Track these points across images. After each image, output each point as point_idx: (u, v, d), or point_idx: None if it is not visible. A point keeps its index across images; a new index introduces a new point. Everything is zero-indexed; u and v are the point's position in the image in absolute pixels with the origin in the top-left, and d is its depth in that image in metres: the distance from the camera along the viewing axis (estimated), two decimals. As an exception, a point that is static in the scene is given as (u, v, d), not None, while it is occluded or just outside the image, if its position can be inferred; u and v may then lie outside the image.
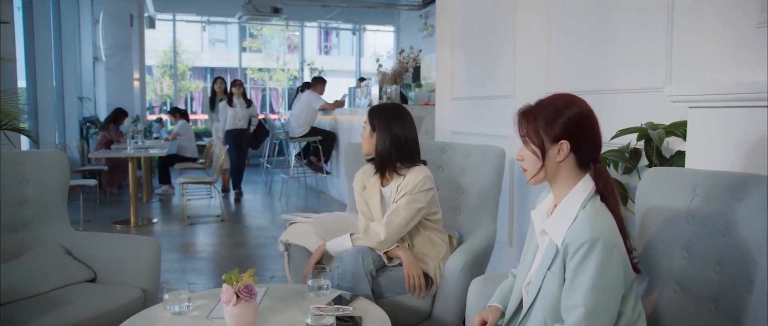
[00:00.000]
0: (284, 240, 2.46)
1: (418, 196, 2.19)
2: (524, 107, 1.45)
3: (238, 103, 7.13)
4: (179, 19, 13.27)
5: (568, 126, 1.39)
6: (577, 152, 1.40)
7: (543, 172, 1.42)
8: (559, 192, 1.44)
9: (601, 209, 1.38)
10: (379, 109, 2.34)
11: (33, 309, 2.00)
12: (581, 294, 1.30)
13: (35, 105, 6.74)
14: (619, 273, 1.32)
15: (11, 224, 2.40)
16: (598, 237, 1.30)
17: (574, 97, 1.44)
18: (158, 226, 5.64)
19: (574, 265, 1.31)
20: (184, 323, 1.74)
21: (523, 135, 1.43)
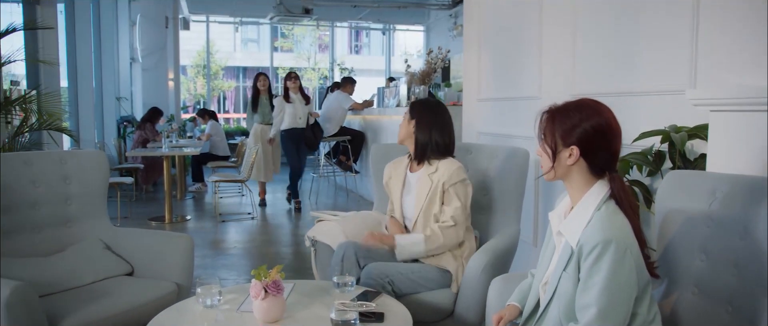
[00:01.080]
0: (311, 236, 2.54)
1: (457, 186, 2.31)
2: (549, 107, 1.49)
3: (297, 98, 6.28)
4: (213, 20, 13.55)
5: (583, 135, 1.42)
6: (589, 160, 1.44)
7: (553, 172, 1.47)
8: (575, 195, 1.48)
9: (615, 212, 1.41)
10: (423, 101, 2.56)
11: (76, 300, 2.12)
12: (594, 294, 1.34)
13: (76, 105, 6.99)
14: (631, 275, 1.35)
15: (55, 220, 2.54)
16: (611, 238, 1.34)
17: (599, 106, 1.46)
18: (191, 223, 5.80)
19: (588, 266, 1.35)
20: (215, 316, 1.83)
21: (541, 133, 1.48)
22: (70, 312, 2.00)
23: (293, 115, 6.25)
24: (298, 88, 6.31)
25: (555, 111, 1.47)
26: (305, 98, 6.35)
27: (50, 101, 4.41)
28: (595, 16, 2.75)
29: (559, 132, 1.44)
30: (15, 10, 5.67)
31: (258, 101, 6.51)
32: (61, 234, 2.52)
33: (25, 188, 2.44)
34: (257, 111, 6.50)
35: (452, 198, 2.30)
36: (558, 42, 3.01)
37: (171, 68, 10.49)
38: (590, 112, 1.44)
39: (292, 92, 6.27)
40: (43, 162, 2.55)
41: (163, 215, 5.78)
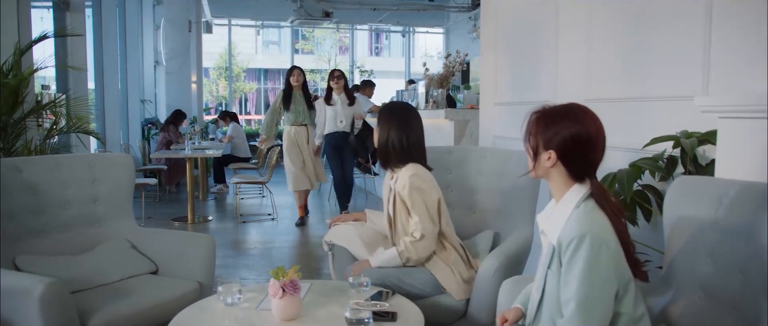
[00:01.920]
0: (328, 240, 2.61)
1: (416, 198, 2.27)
2: (536, 109, 1.55)
3: (339, 99, 5.68)
4: (234, 23, 13.75)
5: (561, 141, 1.48)
6: (567, 165, 1.50)
7: (534, 173, 1.56)
8: (556, 195, 1.55)
9: (593, 209, 1.47)
10: (387, 107, 2.48)
11: (103, 297, 2.22)
12: (573, 288, 1.39)
13: (103, 108, 7.18)
14: (609, 268, 1.39)
15: (84, 220, 2.64)
16: (586, 232, 1.39)
17: (585, 115, 1.50)
18: (213, 223, 5.92)
19: (566, 261, 1.41)
20: (235, 313, 1.90)
21: (527, 133, 1.54)
22: (98, 308, 2.10)
23: (333, 117, 5.66)
24: (343, 88, 5.72)
25: (542, 114, 1.53)
26: (350, 98, 5.74)
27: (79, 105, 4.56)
28: (610, 22, 2.78)
29: (541, 135, 1.51)
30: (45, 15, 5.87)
31: (291, 98, 5.65)
32: (89, 234, 2.63)
33: (56, 189, 2.55)
34: (290, 109, 5.64)
35: (412, 208, 2.27)
36: (573, 47, 3.04)
37: (194, 71, 10.69)
38: (573, 121, 1.48)
39: (336, 93, 5.70)
40: (73, 164, 2.66)
41: (186, 215, 5.91)
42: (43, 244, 2.45)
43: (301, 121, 5.66)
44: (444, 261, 2.32)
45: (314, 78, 17.64)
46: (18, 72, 3.66)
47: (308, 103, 5.69)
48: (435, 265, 2.31)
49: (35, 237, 2.43)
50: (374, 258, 2.33)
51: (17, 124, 3.70)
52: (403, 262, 2.29)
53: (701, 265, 1.66)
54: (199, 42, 10.97)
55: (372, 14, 12.01)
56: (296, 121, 5.65)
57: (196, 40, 10.73)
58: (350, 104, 5.72)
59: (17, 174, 2.41)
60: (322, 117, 5.67)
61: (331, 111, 5.64)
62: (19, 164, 2.47)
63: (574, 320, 1.39)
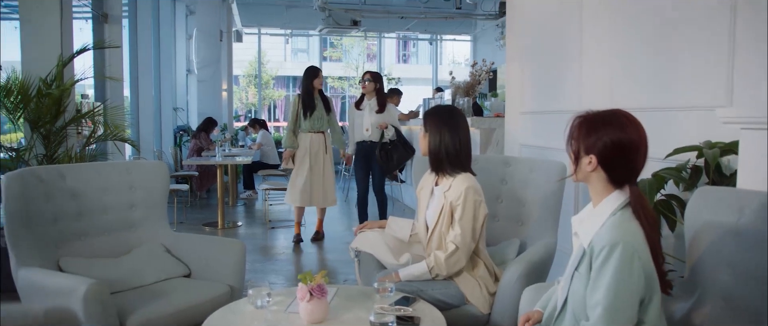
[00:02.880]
0: (355, 247, 2.68)
1: (467, 211, 2.28)
2: (581, 113, 1.59)
3: (368, 105, 5.13)
4: (264, 32, 13.99)
5: (603, 147, 1.51)
6: (607, 170, 1.53)
7: (575, 177, 1.59)
8: (595, 198, 1.58)
9: (629, 219, 1.49)
10: (433, 111, 2.47)
11: (140, 298, 2.32)
12: (601, 294, 1.42)
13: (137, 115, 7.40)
14: (639, 278, 1.42)
15: (122, 224, 2.76)
16: (619, 241, 1.42)
17: (627, 121, 1.53)
18: (242, 229, 6.05)
19: (597, 266, 1.45)
20: (265, 315, 1.98)
21: (570, 137, 1.58)
22: (136, 308, 2.21)
23: (360, 125, 5.17)
24: (375, 92, 5.12)
25: (585, 119, 1.56)
26: (380, 105, 5.11)
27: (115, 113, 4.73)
28: (634, 33, 2.80)
29: (583, 140, 1.54)
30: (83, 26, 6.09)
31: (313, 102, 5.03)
32: (126, 238, 2.74)
33: (96, 195, 2.68)
34: (312, 115, 5.01)
35: (459, 219, 2.28)
36: (598, 57, 3.07)
37: (224, 79, 10.92)
38: (616, 127, 1.51)
39: (366, 97, 5.17)
40: (112, 171, 2.79)
41: (216, 221, 6.05)
42: (84, 247, 2.57)
43: (319, 128, 5.06)
44: (472, 275, 2.35)
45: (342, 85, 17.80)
46: (60, 83, 3.84)
47: (326, 106, 5.11)
48: (463, 279, 2.33)
49: (77, 241, 2.56)
50: (403, 272, 2.34)
51: (59, 132, 3.87)
52: (433, 277, 2.31)
53: (721, 274, 1.68)
54: (230, 51, 11.20)
55: (399, 22, 12.10)
56: (313, 127, 5.03)
57: (226, 49, 10.97)
58: (379, 111, 5.10)
59: (61, 181, 2.54)
60: (351, 125, 5.27)
61: (359, 117, 5.17)
62: (63, 171, 2.60)
63: (599, 324, 1.42)
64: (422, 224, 2.48)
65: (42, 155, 3.83)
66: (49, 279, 2.13)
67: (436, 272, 2.29)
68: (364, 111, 5.14)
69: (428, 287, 2.29)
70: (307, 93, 5.04)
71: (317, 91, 5.09)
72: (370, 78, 5.13)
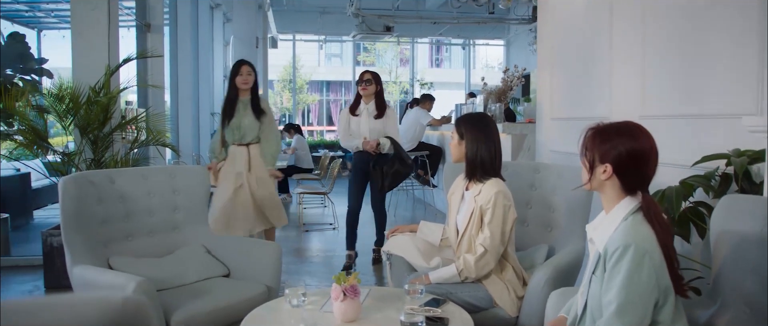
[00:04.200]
0: (387, 250, 2.76)
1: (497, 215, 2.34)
2: (593, 125, 1.66)
3: (365, 109, 4.48)
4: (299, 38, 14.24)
5: (617, 156, 1.59)
6: (621, 178, 1.59)
7: (589, 185, 1.66)
8: (607, 206, 1.65)
9: (641, 222, 1.56)
10: (467, 118, 2.55)
11: (183, 296, 2.46)
12: (614, 292, 1.49)
13: (177, 121, 7.65)
14: (650, 278, 1.48)
15: (166, 226, 2.91)
16: (631, 243, 1.49)
17: (638, 131, 1.61)
18: (277, 231, 6.18)
19: (610, 267, 1.52)
20: (300, 314, 2.08)
21: (583, 148, 1.65)
22: (179, 305, 2.34)
23: (357, 132, 4.48)
24: (374, 95, 4.45)
25: (598, 130, 1.64)
26: (379, 109, 4.45)
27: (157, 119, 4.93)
28: (664, 40, 2.82)
29: (597, 150, 1.62)
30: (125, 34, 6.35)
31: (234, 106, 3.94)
32: (170, 239, 2.89)
33: (142, 198, 2.83)
34: (230, 123, 3.93)
35: (489, 223, 2.34)
36: (628, 64, 3.09)
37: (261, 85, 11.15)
38: (629, 137, 1.59)
39: (364, 101, 4.49)
40: (158, 176, 2.94)
41: (253, 223, 6.21)
42: (131, 247, 2.72)
43: (240, 140, 3.91)
44: (500, 279, 2.41)
45: (375, 90, 17.91)
46: (108, 91, 4.04)
47: (257, 111, 3.92)
48: (491, 282, 2.39)
49: (124, 241, 2.71)
50: (433, 274, 2.41)
51: (106, 137, 4.06)
52: (462, 280, 2.38)
53: (746, 281, 1.71)
54: (265, 57, 11.45)
55: (432, 28, 12.18)
56: (234, 138, 3.91)
57: (262, 55, 11.21)
58: (378, 116, 4.42)
59: (111, 185, 2.70)
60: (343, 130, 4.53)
61: (354, 124, 4.49)
62: (113, 175, 2.76)
63: (611, 320, 1.49)
64: (453, 228, 2.55)
65: (90, 159, 4.04)
66: (101, 276, 2.28)
67: (466, 274, 2.36)
68: (360, 116, 4.46)
69: (457, 289, 2.35)
70: (228, 96, 3.96)
71: (246, 93, 3.93)
72: (371, 78, 4.41)
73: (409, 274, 2.57)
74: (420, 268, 2.60)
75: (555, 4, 3.99)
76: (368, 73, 4.49)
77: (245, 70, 3.91)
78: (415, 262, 2.63)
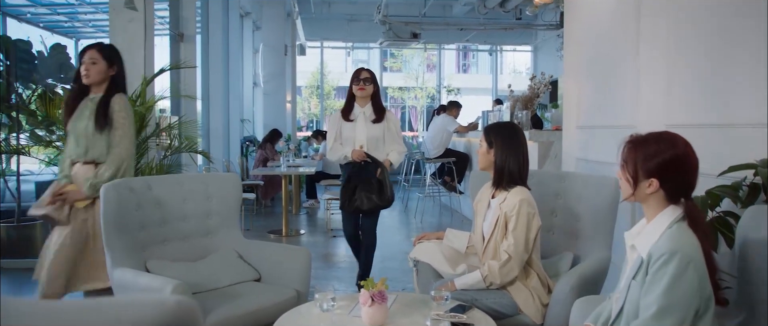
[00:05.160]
0: (413, 257, 2.82)
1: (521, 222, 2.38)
2: (632, 137, 1.68)
3: (361, 114, 3.81)
4: (326, 46, 14.40)
5: (662, 166, 1.60)
6: (666, 188, 1.61)
7: (633, 198, 1.67)
8: (650, 214, 1.67)
9: (685, 230, 1.58)
10: (496, 127, 2.60)
11: (216, 299, 2.54)
12: (655, 296, 1.51)
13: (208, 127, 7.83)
14: (693, 286, 1.50)
15: (200, 231, 3.01)
16: (677, 250, 1.51)
17: (677, 138, 1.64)
18: (305, 237, 6.30)
19: (653, 271, 1.54)
20: (330, 318, 2.15)
21: (623, 161, 1.67)
22: (213, 308, 2.43)
23: (350, 140, 3.81)
24: (371, 97, 3.83)
25: (637, 141, 1.66)
26: (378, 113, 3.83)
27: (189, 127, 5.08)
28: (691, 48, 2.81)
29: (640, 162, 1.63)
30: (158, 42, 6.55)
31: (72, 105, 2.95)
32: (204, 244, 2.99)
33: (177, 204, 2.93)
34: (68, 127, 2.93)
35: (513, 230, 2.38)
36: (654, 72, 3.09)
37: (288, 91, 11.34)
38: (669, 144, 1.62)
39: (358, 103, 3.84)
40: (192, 182, 3.05)
41: (281, 228, 6.33)
42: (167, 251, 2.82)
43: (81, 155, 2.84)
44: (525, 286, 2.44)
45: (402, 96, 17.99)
46: (144, 100, 4.18)
47: (105, 112, 2.79)
48: (516, 289, 2.43)
49: (161, 245, 2.81)
50: (459, 281, 2.46)
51: (142, 145, 4.21)
52: (487, 286, 2.42)
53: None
54: (294, 64, 11.63)
55: (459, 34, 12.20)
56: (75, 153, 2.85)
57: (291, 63, 11.39)
58: (377, 121, 3.81)
59: (148, 191, 2.81)
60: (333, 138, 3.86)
61: (349, 130, 3.82)
62: (150, 182, 2.87)
63: (650, 322, 1.51)
64: (479, 235, 2.60)
65: (127, 165, 4.18)
66: (140, 279, 2.38)
67: (490, 280, 2.39)
68: (355, 121, 3.83)
69: (482, 296, 2.39)
70: (72, 89, 2.98)
71: (99, 87, 2.89)
72: (370, 77, 3.81)
73: (435, 281, 2.61)
74: (446, 275, 2.65)
75: (581, 12, 4.00)
76: (366, 70, 3.86)
77: (89, 53, 2.85)
78: (441, 269, 2.69)
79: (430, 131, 7.84)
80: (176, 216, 2.91)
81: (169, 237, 2.87)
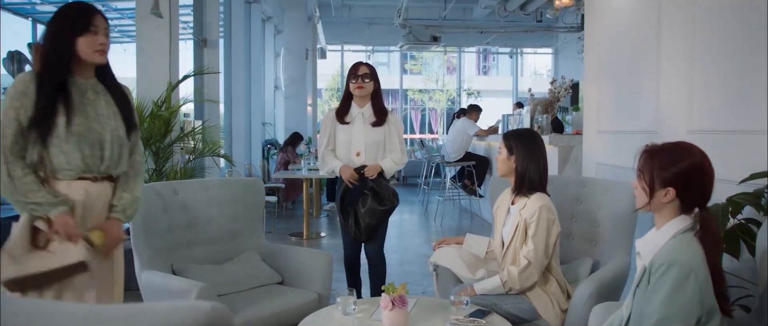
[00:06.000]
0: (433, 261, 2.85)
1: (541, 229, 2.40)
2: (648, 146, 1.70)
3: (359, 115, 3.28)
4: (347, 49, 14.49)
5: (678, 175, 1.61)
6: (683, 198, 1.62)
7: (648, 206, 1.68)
8: (659, 222, 1.68)
9: (690, 241, 1.59)
10: (516, 133, 2.62)
11: (241, 302, 2.61)
12: (655, 306, 1.53)
13: (230, 131, 7.95)
14: (693, 296, 1.51)
15: (225, 235, 3.06)
16: (677, 260, 1.53)
17: (693, 148, 1.66)
18: (325, 239, 6.36)
19: (654, 280, 1.56)
20: (352, 322, 2.19)
21: (639, 171, 1.69)
22: (238, 311, 2.49)
23: (346, 145, 3.30)
24: (371, 95, 3.28)
25: (653, 150, 1.67)
26: (379, 115, 3.27)
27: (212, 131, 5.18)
28: (713, 53, 2.80)
29: (656, 171, 1.64)
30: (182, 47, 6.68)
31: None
32: (228, 247, 3.05)
33: (203, 208, 3.00)
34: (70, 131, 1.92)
35: (533, 236, 2.39)
36: (675, 77, 3.08)
37: (309, 94, 11.43)
38: (685, 154, 1.63)
39: (356, 103, 3.31)
40: (217, 186, 3.12)
41: (302, 231, 6.40)
42: (193, 254, 2.89)
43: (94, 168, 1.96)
44: (544, 291, 2.46)
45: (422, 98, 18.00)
46: (169, 105, 4.28)
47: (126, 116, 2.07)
48: (535, 294, 2.45)
49: (187, 248, 2.88)
50: (478, 285, 2.49)
51: (167, 149, 4.31)
52: (506, 291, 2.44)
53: (792, 300, 1.72)
54: (315, 67, 11.73)
55: (479, 37, 12.19)
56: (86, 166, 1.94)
57: (312, 67, 11.49)
58: (378, 124, 3.26)
59: (174, 195, 2.88)
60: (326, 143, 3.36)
61: (344, 133, 3.29)
62: (176, 186, 2.95)
63: None
64: (498, 241, 2.62)
65: (152, 169, 4.28)
66: (167, 281, 2.45)
67: (510, 285, 2.42)
68: (352, 124, 3.29)
69: (502, 301, 2.42)
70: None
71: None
72: (370, 73, 3.27)
73: (455, 285, 2.64)
74: (466, 279, 2.68)
75: (602, 16, 4.00)
76: (365, 65, 3.31)
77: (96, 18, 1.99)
78: (461, 273, 2.71)
79: (450, 134, 7.86)
80: (202, 220, 2.98)
81: (195, 240, 2.94)
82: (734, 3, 2.66)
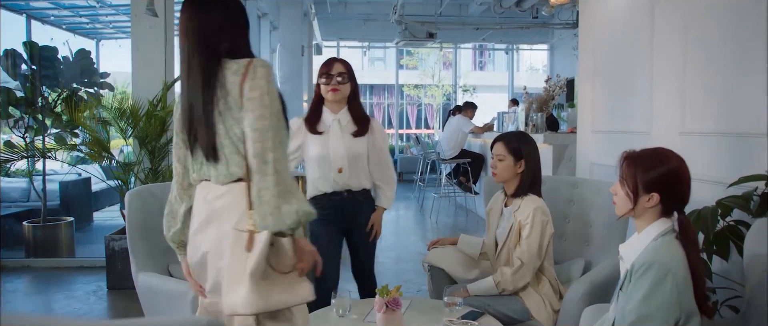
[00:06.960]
0: (427, 262, 2.88)
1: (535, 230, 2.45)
2: (629, 152, 1.73)
3: (335, 122, 2.69)
4: (343, 45, 14.49)
5: (661, 179, 1.65)
6: (665, 203, 1.66)
7: (632, 212, 1.71)
8: (640, 226, 1.72)
9: (670, 243, 1.63)
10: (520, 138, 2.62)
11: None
12: (633, 305, 1.58)
13: (226, 128, 7.94)
14: (671, 296, 1.55)
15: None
16: (655, 260, 1.57)
17: (671, 153, 1.70)
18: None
19: (634, 281, 1.60)
20: (346, 324, 2.22)
21: (622, 177, 1.72)
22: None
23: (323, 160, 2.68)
24: (347, 99, 2.73)
25: (635, 158, 1.71)
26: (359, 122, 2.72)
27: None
28: (705, 56, 2.83)
29: (640, 177, 1.67)
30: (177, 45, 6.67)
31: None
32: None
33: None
34: None
35: (526, 237, 2.44)
36: (668, 79, 3.11)
37: (305, 91, 11.43)
38: (665, 158, 1.67)
39: (329, 108, 2.73)
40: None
41: (298, 229, 6.39)
42: (188, 255, 2.90)
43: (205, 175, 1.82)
44: (537, 292, 2.50)
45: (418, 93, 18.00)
46: (165, 105, 4.29)
47: None
48: (528, 295, 2.48)
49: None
50: (472, 287, 2.53)
51: (162, 148, 4.31)
52: (499, 292, 2.48)
53: (778, 304, 1.75)
54: (310, 64, 11.72)
55: (475, 33, 12.19)
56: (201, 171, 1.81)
57: (308, 63, 11.47)
58: (359, 134, 2.71)
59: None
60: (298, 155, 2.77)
61: (319, 145, 2.69)
62: (172, 188, 2.96)
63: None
64: (491, 242, 2.65)
65: (148, 168, 4.29)
66: (163, 283, 2.47)
67: (503, 286, 2.45)
68: (327, 134, 2.70)
69: (495, 302, 2.45)
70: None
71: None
72: (346, 72, 2.70)
73: (449, 286, 2.67)
74: (460, 280, 2.71)
75: (596, 17, 4.02)
76: (340, 62, 2.72)
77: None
78: (456, 274, 2.75)
79: (445, 132, 7.88)
80: (197, 220, 2.98)
81: (190, 241, 2.95)
82: (727, 5, 2.68)
